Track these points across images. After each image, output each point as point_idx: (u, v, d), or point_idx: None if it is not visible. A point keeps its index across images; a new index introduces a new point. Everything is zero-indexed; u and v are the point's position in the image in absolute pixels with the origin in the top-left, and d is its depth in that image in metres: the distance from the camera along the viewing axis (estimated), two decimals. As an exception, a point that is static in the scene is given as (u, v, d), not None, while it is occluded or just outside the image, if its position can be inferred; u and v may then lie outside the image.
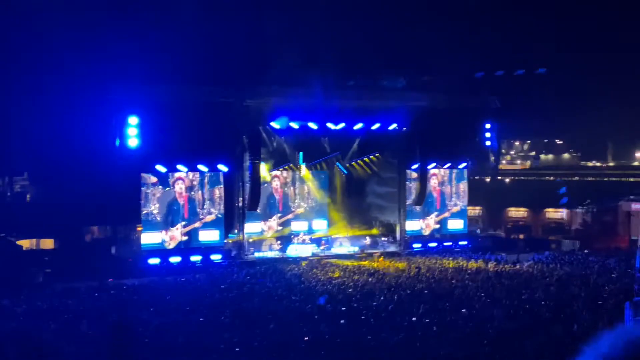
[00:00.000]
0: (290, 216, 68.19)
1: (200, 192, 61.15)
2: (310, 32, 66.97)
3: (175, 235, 59.88)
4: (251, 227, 64.52)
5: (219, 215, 61.48)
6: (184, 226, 60.33)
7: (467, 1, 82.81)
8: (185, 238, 60.29)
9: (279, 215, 67.73)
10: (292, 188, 68.67)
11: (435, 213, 70.61)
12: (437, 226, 70.49)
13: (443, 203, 71.11)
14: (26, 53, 59.25)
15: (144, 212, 59.04)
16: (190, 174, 60.61)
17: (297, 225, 67.76)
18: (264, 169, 63.27)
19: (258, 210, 64.66)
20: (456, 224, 71.57)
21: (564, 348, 30.66)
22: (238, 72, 61.98)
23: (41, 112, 56.13)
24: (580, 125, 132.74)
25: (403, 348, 31.22)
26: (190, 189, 60.87)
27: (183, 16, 59.92)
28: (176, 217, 60.19)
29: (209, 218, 61.13)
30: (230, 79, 61.52)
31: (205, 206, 61.25)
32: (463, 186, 72.25)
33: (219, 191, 61.64)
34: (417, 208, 68.91)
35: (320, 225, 68.82)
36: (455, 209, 71.46)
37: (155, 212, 59.52)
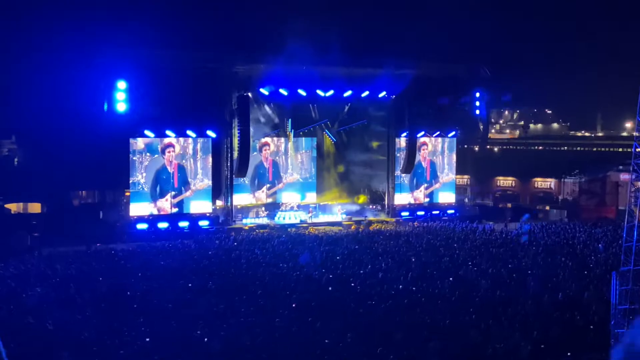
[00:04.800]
0: (280, 186, 67.71)
1: (192, 159, 60.29)
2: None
3: (164, 207, 59.16)
4: (239, 199, 64.23)
5: (211, 185, 60.94)
6: (174, 196, 59.51)
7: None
8: (175, 210, 59.60)
9: (268, 186, 67.28)
10: (283, 157, 68.17)
11: (425, 185, 70.20)
12: (427, 200, 70.22)
13: (433, 174, 70.74)
14: (14, 19, 58.73)
15: (131, 181, 58.24)
16: (182, 140, 59.83)
17: (287, 196, 67.43)
18: (252, 137, 62.65)
19: (247, 182, 64.50)
20: (446, 196, 71.22)
21: (550, 318, 30.88)
22: (227, 37, 61.58)
23: (29, 75, 55.67)
24: (570, 95, 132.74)
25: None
26: (181, 156, 60.00)
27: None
28: (166, 186, 59.28)
29: (200, 186, 60.42)
30: (220, 44, 61.10)
31: (197, 175, 60.40)
32: (454, 157, 71.88)
33: (211, 159, 60.97)
34: (406, 180, 68.55)
35: (309, 195, 68.48)
36: (446, 179, 71.10)
37: (142, 181, 58.51)
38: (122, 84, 56.50)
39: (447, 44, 68.58)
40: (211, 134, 60.49)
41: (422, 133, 69.08)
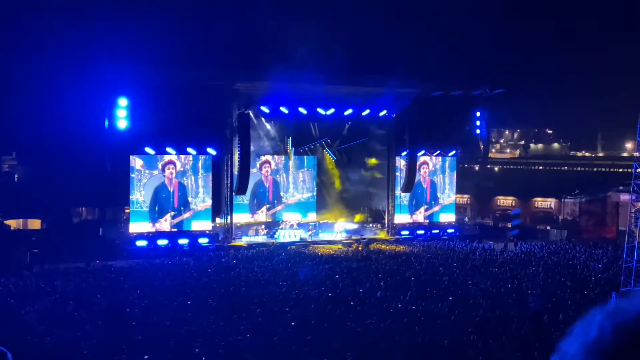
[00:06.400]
0: (279, 208, 67.45)
1: (192, 177, 59.91)
2: (302, 17, 66.74)
3: (162, 228, 58.73)
4: (239, 218, 63.76)
5: (211, 204, 60.46)
6: (174, 217, 59.01)
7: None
8: (174, 230, 59.08)
9: (267, 206, 66.95)
10: (283, 175, 67.97)
11: (425, 206, 70.02)
12: (426, 221, 70.04)
13: (433, 195, 70.49)
14: (15, 34, 58.88)
15: (130, 199, 57.94)
16: (182, 157, 59.60)
17: (288, 215, 67.09)
18: (252, 154, 62.44)
19: (246, 201, 64.30)
20: (446, 216, 71.03)
21: (550, 338, 30.76)
22: (229, 54, 61.69)
23: (30, 92, 55.75)
24: (570, 116, 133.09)
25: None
26: (181, 174, 59.67)
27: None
28: (165, 205, 58.80)
29: (202, 206, 60.02)
30: (221, 61, 61.24)
31: (198, 193, 60.02)
32: (454, 176, 71.63)
33: (211, 176, 60.50)
34: (405, 200, 68.35)
35: (309, 214, 68.22)
36: (447, 201, 70.91)
37: (141, 200, 58.05)
38: (123, 101, 56.58)
39: (448, 64, 68.74)
40: (212, 151, 60.44)
41: (423, 152, 69.07)
